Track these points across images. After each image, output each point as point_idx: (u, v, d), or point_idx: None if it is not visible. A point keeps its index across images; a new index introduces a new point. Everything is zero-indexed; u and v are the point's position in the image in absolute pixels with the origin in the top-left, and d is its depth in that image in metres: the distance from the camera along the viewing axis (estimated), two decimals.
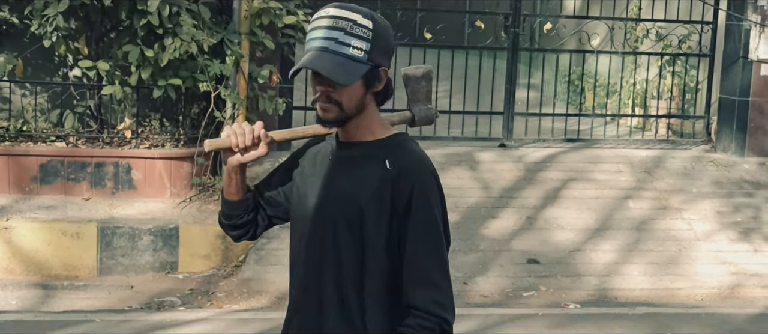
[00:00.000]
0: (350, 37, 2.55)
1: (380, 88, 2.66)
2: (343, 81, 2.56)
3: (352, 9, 2.58)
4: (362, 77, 2.59)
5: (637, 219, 8.52)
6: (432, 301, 2.59)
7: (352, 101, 2.61)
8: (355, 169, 2.65)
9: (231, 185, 2.81)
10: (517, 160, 9.28)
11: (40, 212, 7.76)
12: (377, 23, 2.60)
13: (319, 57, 2.56)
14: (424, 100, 2.87)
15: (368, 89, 2.63)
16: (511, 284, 7.56)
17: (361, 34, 2.57)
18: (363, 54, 2.57)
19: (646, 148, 10.14)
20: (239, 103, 8.09)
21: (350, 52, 2.55)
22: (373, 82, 2.63)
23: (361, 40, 2.56)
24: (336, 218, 2.65)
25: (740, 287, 7.78)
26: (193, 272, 7.57)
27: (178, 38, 7.76)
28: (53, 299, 7.09)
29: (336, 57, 2.55)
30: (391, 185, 2.59)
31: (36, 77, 8.75)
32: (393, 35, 2.71)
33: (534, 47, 10.58)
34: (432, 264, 2.61)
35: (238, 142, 2.68)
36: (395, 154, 2.64)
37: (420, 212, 2.59)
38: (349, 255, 2.64)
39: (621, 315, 6.99)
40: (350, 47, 2.55)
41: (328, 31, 2.56)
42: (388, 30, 2.65)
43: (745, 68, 9.84)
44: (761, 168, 9.66)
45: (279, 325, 6.74)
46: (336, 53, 2.55)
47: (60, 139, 8.41)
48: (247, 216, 2.87)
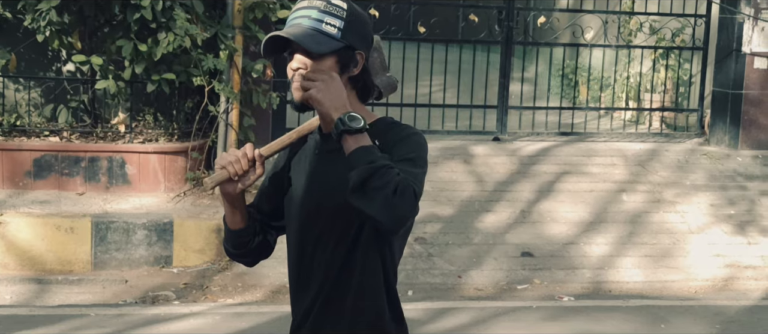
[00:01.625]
0: (324, 14, 2.60)
1: (356, 72, 2.66)
2: (314, 48, 2.58)
3: None
4: (335, 54, 2.61)
5: (630, 212, 8.53)
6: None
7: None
8: (340, 159, 2.56)
9: (235, 213, 2.78)
10: (511, 154, 9.29)
11: (34, 207, 7.75)
12: (352, 7, 2.65)
13: (293, 28, 2.61)
14: (381, 70, 2.84)
15: (343, 72, 2.64)
16: (505, 277, 7.57)
17: (335, 13, 2.61)
18: (336, 31, 2.60)
19: (639, 141, 10.16)
20: (233, 97, 8.08)
21: (323, 28, 2.60)
22: (348, 64, 2.64)
23: (334, 18, 2.61)
24: (326, 211, 2.64)
25: (734, 280, 7.80)
26: (187, 266, 7.57)
27: (172, 32, 7.75)
28: (48, 293, 7.09)
29: (308, 30, 2.60)
30: None
31: (29, 72, 8.73)
32: (371, 26, 2.73)
33: (528, 41, 10.59)
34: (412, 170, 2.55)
35: (236, 170, 2.64)
36: (380, 135, 2.62)
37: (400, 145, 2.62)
38: (342, 248, 2.63)
39: (615, 308, 7.01)
40: (323, 23, 2.60)
41: (303, 10, 2.63)
42: (364, 17, 2.68)
43: (738, 61, 9.86)
44: (755, 161, 9.68)
45: (273, 318, 6.77)
46: (308, 28, 2.60)
47: (54, 134, 8.40)
48: (257, 238, 2.85)
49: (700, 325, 6.66)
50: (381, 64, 2.84)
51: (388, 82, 2.85)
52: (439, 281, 7.42)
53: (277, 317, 6.49)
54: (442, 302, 6.97)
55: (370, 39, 2.72)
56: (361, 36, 2.66)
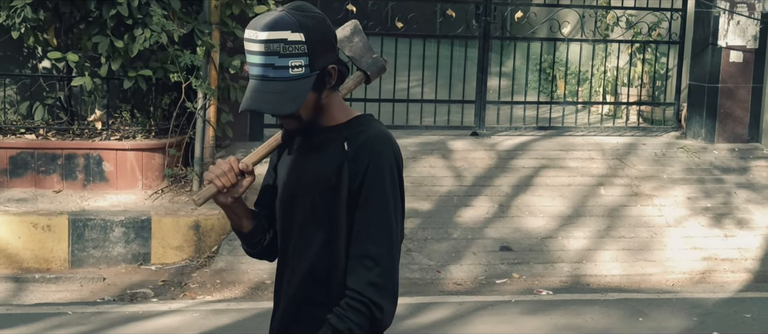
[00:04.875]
0: (286, 57, 2.50)
1: (333, 83, 2.62)
2: (290, 110, 2.55)
3: (280, 24, 2.50)
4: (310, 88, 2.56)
5: (609, 206, 8.57)
6: (367, 282, 2.52)
7: (308, 110, 2.60)
8: (316, 154, 2.64)
9: (239, 218, 2.77)
10: (489, 149, 9.30)
11: (10, 205, 7.70)
12: (309, 30, 2.52)
13: (261, 92, 2.53)
14: (367, 53, 2.81)
15: (322, 91, 2.60)
16: (484, 271, 7.59)
17: (297, 51, 2.51)
18: (304, 69, 2.52)
19: (617, 135, 10.19)
20: (210, 93, 8.05)
21: (291, 73, 2.51)
22: (323, 84, 2.59)
23: (298, 57, 2.51)
24: (301, 205, 2.66)
25: (711, 272, 7.85)
26: (165, 264, 7.54)
27: (148, 29, 7.71)
28: (25, 292, 7.04)
29: (277, 84, 2.52)
30: (348, 166, 2.58)
31: (4, 69, 8.67)
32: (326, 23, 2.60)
33: (505, 35, 10.60)
34: (376, 241, 2.55)
35: (225, 183, 2.64)
36: (353, 135, 2.62)
37: (371, 189, 2.56)
38: (316, 242, 2.63)
39: (594, 301, 7.03)
40: (289, 68, 2.51)
41: (263, 57, 2.51)
42: (321, 26, 2.57)
43: (714, 55, 9.91)
44: (731, 154, 9.74)
45: (252, 315, 6.75)
46: (276, 79, 2.52)
47: (30, 132, 8.35)
48: (268, 235, 2.84)
49: (678, 317, 6.69)
50: (365, 47, 2.80)
51: (377, 64, 2.81)
52: (418, 276, 7.42)
53: (256, 313, 6.47)
54: (421, 297, 6.98)
55: (333, 38, 2.62)
56: (325, 51, 2.58)
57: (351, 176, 2.57)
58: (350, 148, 2.59)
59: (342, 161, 2.59)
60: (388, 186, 2.58)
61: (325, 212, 2.61)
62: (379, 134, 2.63)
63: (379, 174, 2.57)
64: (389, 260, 2.55)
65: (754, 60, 9.97)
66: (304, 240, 2.66)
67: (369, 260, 2.53)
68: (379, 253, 2.54)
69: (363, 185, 2.56)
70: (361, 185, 2.56)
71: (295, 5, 2.58)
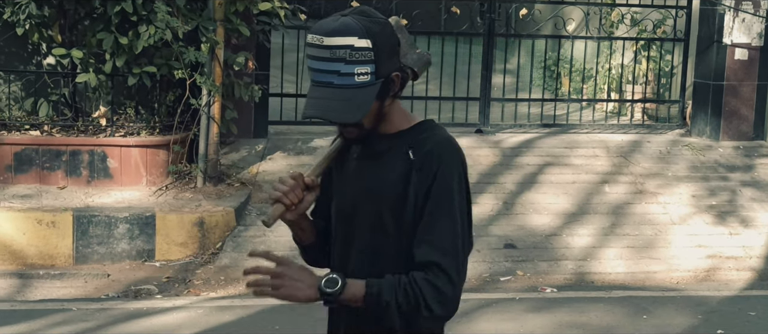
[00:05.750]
0: (352, 64, 2.41)
1: (396, 90, 2.54)
2: (355, 119, 2.46)
3: (347, 30, 2.42)
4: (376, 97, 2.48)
5: (613, 203, 8.55)
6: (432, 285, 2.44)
7: (371, 118, 2.51)
8: (378, 163, 2.57)
9: (303, 231, 2.72)
10: (493, 146, 9.29)
11: (15, 201, 7.70)
12: (375, 36, 2.44)
13: (325, 99, 2.44)
14: (411, 49, 2.74)
15: (385, 99, 2.52)
16: (488, 269, 7.58)
17: (363, 58, 2.42)
18: (370, 76, 2.44)
19: (622, 132, 10.18)
20: (215, 90, 8.05)
21: (357, 81, 2.43)
22: (387, 91, 2.51)
23: (364, 64, 2.42)
24: (364, 215, 2.59)
25: (716, 270, 7.84)
26: (170, 260, 7.54)
27: (153, 25, 7.71)
28: (29, 288, 7.05)
29: (343, 91, 2.43)
30: (416, 174, 2.51)
31: (9, 65, 8.67)
32: (392, 29, 2.53)
33: (510, 33, 10.59)
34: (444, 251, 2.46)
35: (292, 201, 2.57)
36: (418, 143, 2.55)
37: (439, 197, 2.48)
38: (381, 252, 2.56)
39: (598, 299, 7.02)
40: (355, 75, 2.43)
41: (328, 64, 2.42)
42: (387, 32, 2.49)
43: (719, 52, 9.90)
44: (736, 151, 9.72)
45: (256, 311, 6.74)
46: (342, 86, 2.43)
47: (34, 128, 8.35)
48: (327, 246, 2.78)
49: (683, 315, 6.68)
50: (408, 43, 2.73)
51: (420, 60, 2.75)
52: None
53: (260, 310, 6.47)
54: None
55: (397, 45, 2.53)
56: (390, 57, 2.49)
57: (418, 185, 2.50)
58: (416, 157, 2.52)
59: (408, 170, 2.51)
60: (455, 194, 2.50)
61: (391, 222, 2.53)
62: (445, 141, 2.57)
63: (447, 182, 2.50)
64: (455, 271, 2.47)
65: (760, 57, 9.96)
66: (367, 250, 2.59)
67: (436, 269, 2.45)
68: (445, 263, 2.45)
69: (430, 193, 2.49)
70: (427, 192, 2.49)
71: (360, 9, 2.50)
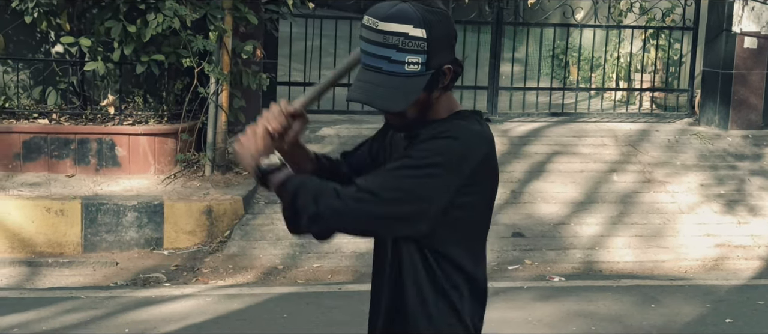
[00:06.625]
0: (404, 53, 2.34)
1: (446, 83, 2.45)
2: (399, 108, 2.39)
3: (404, 17, 2.33)
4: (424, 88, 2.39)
5: (621, 192, 8.54)
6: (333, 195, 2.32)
7: (415, 109, 2.43)
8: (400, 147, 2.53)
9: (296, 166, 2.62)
10: (501, 135, 9.28)
11: (23, 189, 7.72)
12: (432, 27, 2.36)
13: (372, 84, 2.37)
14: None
15: (433, 91, 2.43)
16: (496, 257, 7.58)
17: (416, 48, 2.34)
18: (420, 67, 2.36)
19: (630, 121, 10.16)
20: (223, 78, 8.05)
21: (407, 70, 2.35)
22: (436, 84, 2.42)
23: (416, 54, 2.34)
24: None
25: (724, 259, 7.82)
26: (178, 248, 7.55)
27: (161, 13, 7.70)
28: (38, 276, 7.07)
29: (391, 79, 2.35)
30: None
31: (18, 54, 8.68)
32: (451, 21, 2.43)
33: (518, 21, 10.57)
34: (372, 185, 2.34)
35: (275, 128, 2.52)
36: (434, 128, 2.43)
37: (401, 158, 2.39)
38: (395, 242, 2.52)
39: (606, 287, 7.02)
40: (405, 64, 2.35)
41: (380, 48, 2.35)
42: (444, 23, 2.40)
43: (728, 41, 9.86)
44: (744, 140, 9.70)
45: (264, 300, 6.75)
46: (390, 73, 2.35)
47: (43, 116, 8.36)
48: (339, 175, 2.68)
49: (691, 304, 6.68)
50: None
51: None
52: None
53: (268, 298, 6.48)
54: None
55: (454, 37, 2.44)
56: (444, 49, 2.41)
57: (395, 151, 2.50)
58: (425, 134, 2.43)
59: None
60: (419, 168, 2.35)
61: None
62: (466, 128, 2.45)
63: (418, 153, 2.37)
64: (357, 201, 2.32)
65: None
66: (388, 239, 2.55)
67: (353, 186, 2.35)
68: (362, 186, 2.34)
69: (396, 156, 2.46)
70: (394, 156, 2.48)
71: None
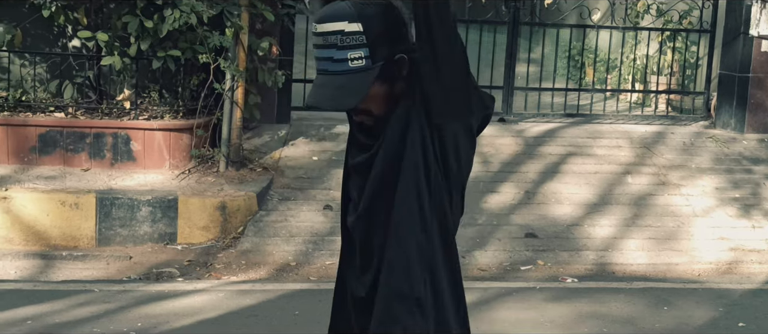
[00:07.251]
0: (344, 50, 2.39)
1: (405, 72, 2.45)
2: (350, 105, 2.44)
3: (337, 15, 2.39)
4: (376, 80, 2.41)
5: (635, 194, 8.52)
6: None
7: (379, 104, 2.47)
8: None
9: None
10: (516, 135, 9.28)
11: (39, 182, 7.76)
12: (368, 19, 2.39)
13: (322, 87, 2.43)
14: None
15: (394, 83, 2.45)
16: (509, 257, 7.57)
17: (355, 43, 2.39)
18: (365, 61, 2.39)
19: (645, 123, 10.14)
20: (238, 75, 8.07)
21: (351, 66, 2.39)
22: (393, 75, 2.44)
23: (356, 49, 2.39)
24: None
25: (738, 263, 7.80)
26: (191, 244, 7.58)
27: (178, 9, 7.73)
28: (52, 269, 7.10)
29: (337, 78, 2.41)
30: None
31: (35, 47, 8.72)
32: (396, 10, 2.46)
33: (534, 22, 10.55)
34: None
35: None
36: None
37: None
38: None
39: (619, 289, 7.00)
40: (348, 61, 2.39)
41: (323, 51, 2.42)
42: (386, 14, 2.43)
43: (745, 44, 9.82)
44: (760, 144, 9.66)
45: (277, 296, 6.76)
46: (336, 73, 2.41)
47: (59, 110, 8.40)
48: None
49: (704, 308, 6.65)
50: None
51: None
52: None
53: (281, 294, 6.49)
54: None
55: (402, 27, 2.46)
56: (390, 41, 2.43)
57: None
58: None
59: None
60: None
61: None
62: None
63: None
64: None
65: None
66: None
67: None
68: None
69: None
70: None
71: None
